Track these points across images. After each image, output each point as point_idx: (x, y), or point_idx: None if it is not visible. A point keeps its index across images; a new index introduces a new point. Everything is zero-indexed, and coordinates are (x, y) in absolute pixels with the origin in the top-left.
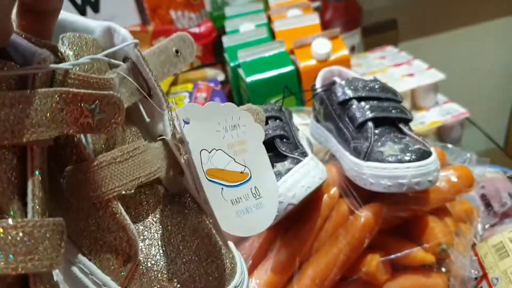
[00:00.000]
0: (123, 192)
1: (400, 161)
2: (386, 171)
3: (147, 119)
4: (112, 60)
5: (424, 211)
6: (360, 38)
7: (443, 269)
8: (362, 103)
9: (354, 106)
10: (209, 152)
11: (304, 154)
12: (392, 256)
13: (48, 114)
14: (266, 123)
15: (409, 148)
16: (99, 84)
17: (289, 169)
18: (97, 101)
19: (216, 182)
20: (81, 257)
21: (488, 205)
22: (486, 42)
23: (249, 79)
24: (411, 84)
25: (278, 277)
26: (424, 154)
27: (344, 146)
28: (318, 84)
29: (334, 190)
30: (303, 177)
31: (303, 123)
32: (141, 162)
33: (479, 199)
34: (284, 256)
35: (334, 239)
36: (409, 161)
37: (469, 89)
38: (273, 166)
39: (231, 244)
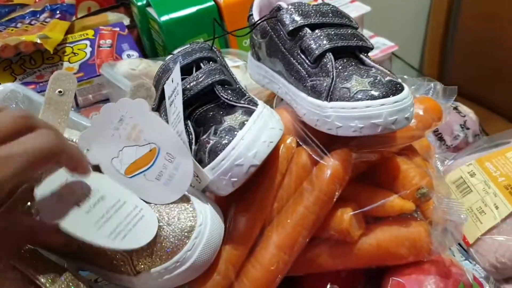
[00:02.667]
0: None
1: (372, 97)
2: (356, 110)
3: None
4: None
5: (392, 152)
6: None
7: (417, 217)
8: (317, 32)
9: (307, 36)
10: (118, 156)
11: (253, 102)
12: (366, 208)
13: None
14: (198, 67)
15: (380, 81)
16: None
17: (243, 123)
18: None
19: (136, 174)
20: None
21: (440, 139)
22: None
23: (163, 18)
24: None
25: (237, 250)
26: (397, 87)
27: (297, 86)
28: (256, 13)
29: (290, 139)
30: (261, 130)
31: (234, 66)
32: None
33: (432, 134)
34: (242, 224)
35: (298, 196)
36: (383, 96)
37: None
38: (221, 121)
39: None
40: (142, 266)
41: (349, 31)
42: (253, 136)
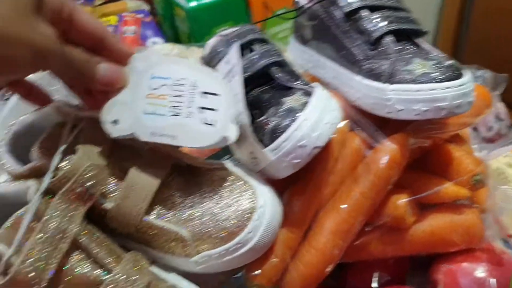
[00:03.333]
0: None
1: (437, 80)
2: (420, 93)
3: None
4: None
5: (443, 139)
6: None
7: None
8: (376, 14)
9: (366, 18)
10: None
11: (308, 84)
12: (422, 194)
13: None
14: (250, 49)
15: (443, 65)
16: None
17: (304, 104)
18: None
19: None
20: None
21: (474, 129)
22: None
23: (191, 5)
24: None
25: (293, 233)
26: (459, 71)
27: (352, 69)
28: None
29: (343, 123)
30: (323, 112)
31: None
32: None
33: None
34: (297, 208)
35: (353, 181)
36: (448, 79)
37: None
38: (280, 102)
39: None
40: (203, 246)
41: (406, 15)
42: (316, 117)
